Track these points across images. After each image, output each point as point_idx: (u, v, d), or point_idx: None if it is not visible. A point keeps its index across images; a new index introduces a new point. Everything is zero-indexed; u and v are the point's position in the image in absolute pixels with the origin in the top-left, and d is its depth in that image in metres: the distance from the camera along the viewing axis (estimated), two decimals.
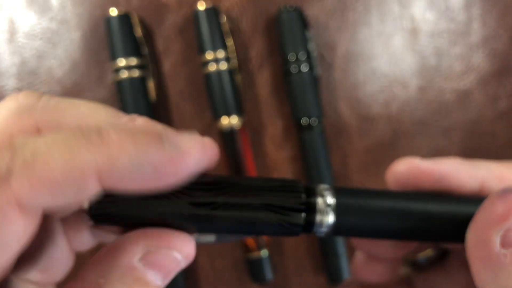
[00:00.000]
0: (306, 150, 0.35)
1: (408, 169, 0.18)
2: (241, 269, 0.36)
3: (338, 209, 0.17)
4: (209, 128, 0.36)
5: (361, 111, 0.37)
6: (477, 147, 0.38)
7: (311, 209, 0.17)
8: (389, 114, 0.37)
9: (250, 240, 0.35)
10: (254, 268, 0.35)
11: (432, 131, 0.38)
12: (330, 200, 0.17)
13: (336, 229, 0.17)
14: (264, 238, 0.35)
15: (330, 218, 0.17)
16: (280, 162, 0.37)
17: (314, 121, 0.35)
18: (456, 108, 0.38)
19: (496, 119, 0.38)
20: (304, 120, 0.35)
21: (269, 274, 0.35)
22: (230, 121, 0.34)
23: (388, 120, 0.37)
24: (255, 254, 0.35)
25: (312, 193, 0.17)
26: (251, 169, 0.35)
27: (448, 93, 0.38)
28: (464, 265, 0.16)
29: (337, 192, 0.17)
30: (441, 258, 0.21)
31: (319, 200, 0.17)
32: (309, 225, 0.17)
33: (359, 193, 0.18)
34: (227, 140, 0.34)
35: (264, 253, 0.35)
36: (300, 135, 0.36)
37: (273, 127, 0.37)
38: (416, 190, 0.18)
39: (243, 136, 0.35)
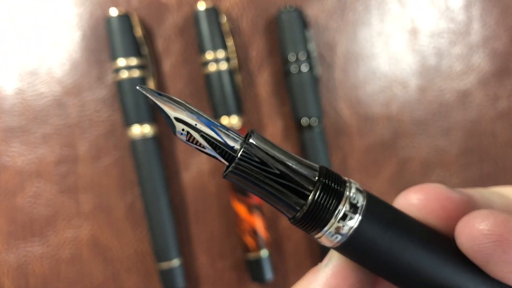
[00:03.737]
0: (306, 150, 0.35)
1: (426, 199, 0.14)
2: (241, 269, 0.36)
3: (366, 213, 0.12)
4: None
5: (361, 111, 0.37)
6: (477, 147, 0.38)
7: (325, 203, 0.12)
8: (389, 114, 0.37)
9: (250, 240, 0.35)
10: (254, 268, 0.35)
11: (432, 131, 0.38)
12: (359, 199, 0.13)
13: (352, 240, 0.13)
14: (264, 238, 0.35)
15: (353, 222, 0.12)
16: None
17: (314, 121, 0.35)
18: (456, 108, 0.38)
19: (496, 119, 0.38)
20: (304, 120, 0.35)
21: (269, 274, 0.35)
22: (230, 121, 0.34)
23: (388, 120, 0.37)
24: (255, 254, 0.35)
25: (337, 181, 0.13)
26: None
27: (448, 93, 0.38)
28: None
29: (369, 195, 0.13)
30: None
31: (346, 193, 0.13)
32: (319, 222, 0.13)
33: (392, 208, 0.13)
34: None
35: (264, 253, 0.35)
36: (300, 135, 0.36)
37: (273, 127, 0.37)
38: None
39: None
